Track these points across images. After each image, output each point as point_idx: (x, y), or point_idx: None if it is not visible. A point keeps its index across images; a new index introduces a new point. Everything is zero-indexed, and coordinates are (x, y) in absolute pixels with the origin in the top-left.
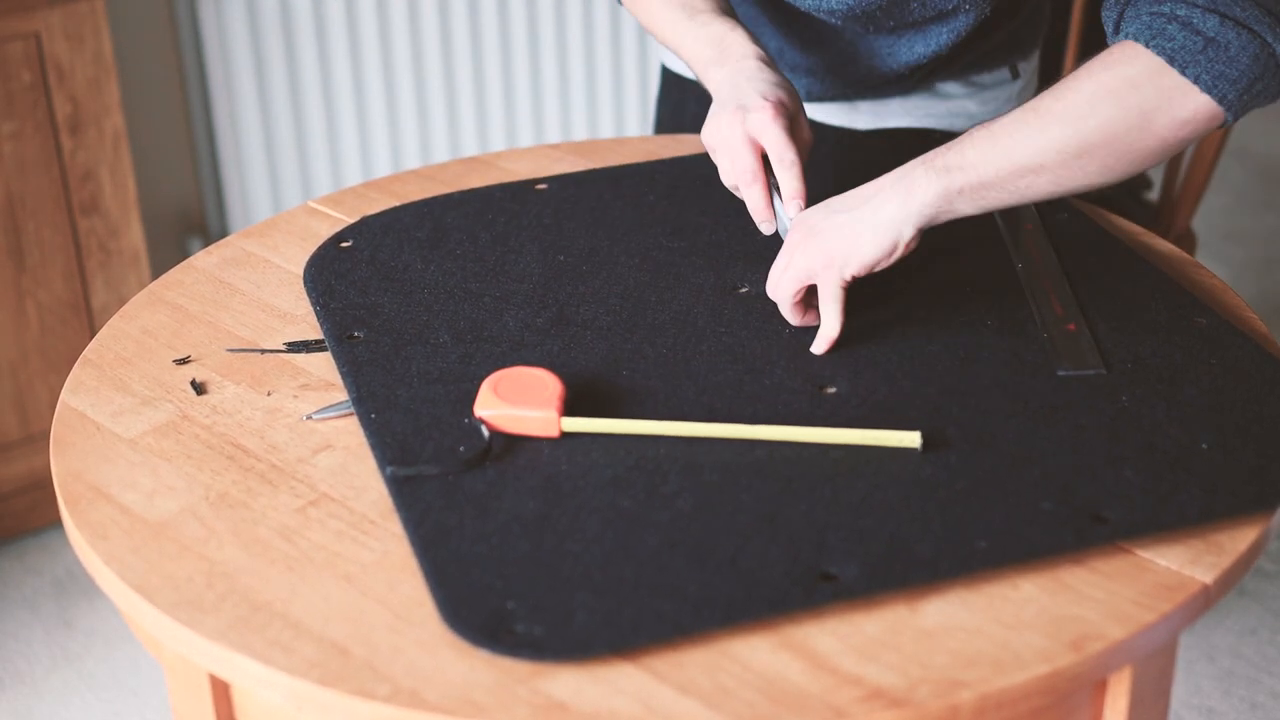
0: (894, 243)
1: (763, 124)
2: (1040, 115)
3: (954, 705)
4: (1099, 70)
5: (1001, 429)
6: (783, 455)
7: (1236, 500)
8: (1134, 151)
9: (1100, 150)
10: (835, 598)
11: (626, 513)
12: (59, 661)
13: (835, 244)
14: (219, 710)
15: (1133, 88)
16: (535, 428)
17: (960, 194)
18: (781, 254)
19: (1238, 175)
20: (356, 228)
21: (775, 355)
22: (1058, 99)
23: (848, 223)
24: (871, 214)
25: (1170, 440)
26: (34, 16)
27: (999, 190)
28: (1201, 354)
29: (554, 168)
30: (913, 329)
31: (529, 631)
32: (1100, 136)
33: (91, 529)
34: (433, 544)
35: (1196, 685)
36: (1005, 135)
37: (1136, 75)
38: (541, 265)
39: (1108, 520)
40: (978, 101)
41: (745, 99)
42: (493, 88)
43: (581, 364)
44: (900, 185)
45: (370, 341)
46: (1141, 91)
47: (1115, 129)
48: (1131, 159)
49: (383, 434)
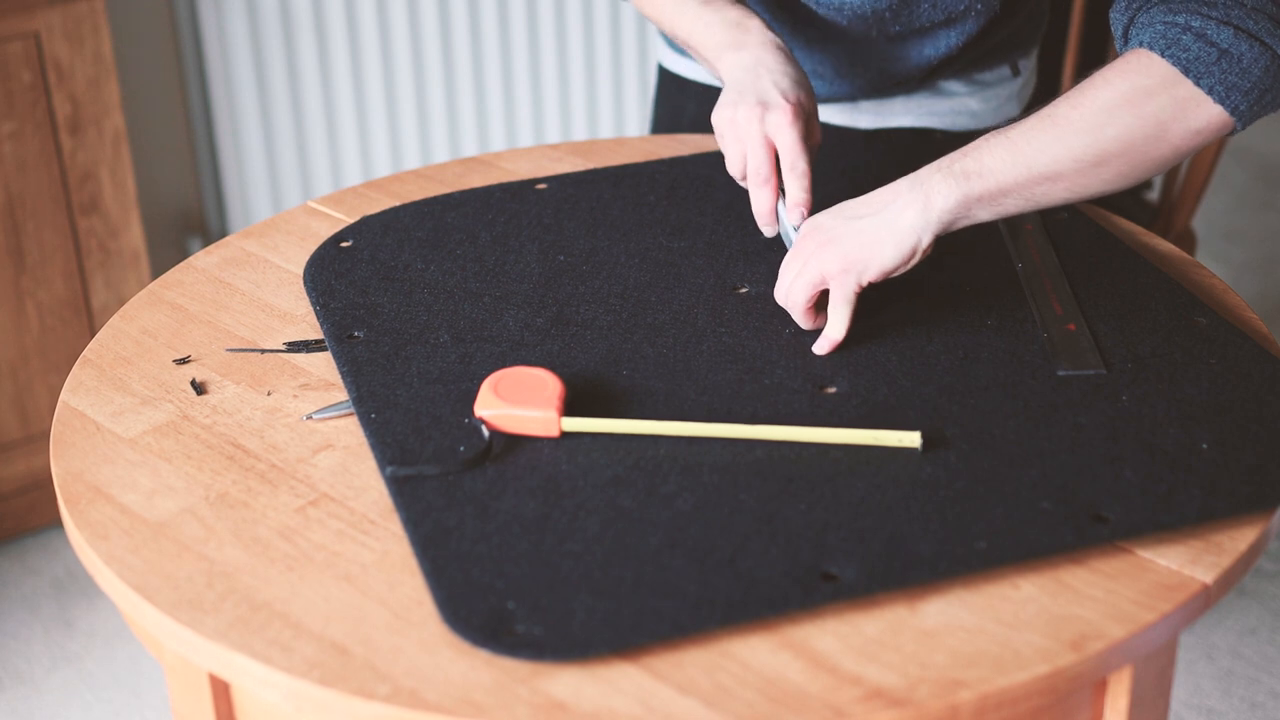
0: (913, 249)
1: (780, 125)
2: (1058, 124)
3: (954, 705)
4: (1115, 79)
5: (1001, 429)
6: (782, 455)
7: (1236, 500)
8: (1149, 160)
9: (1117, 159)
10: (835, 598)
11: (626, 513)
12: (59, 661)
13: (853, 249)
14: (219, 710)
15: (1149, 97)
16: (535, 428)
17: (979, 201)
18: (790, 259)
19: (1238, 175)
20: (356, 227)
21: (775, 355)
22: (1075, 107)
23: (867, 229)
24: (891, 220)
25: (1170, 440)
26: (34, 16)
27: (1016, 197)
28: (1201, 354)
29: (554, 168)
30: (912, 329)
31: (529, 631)
32: (1118, 146)
33: (91, 529)
34: (432, 544)
35: (1196, 685)
36: (1024, 143)
37: (1152, 85)
38: (541, 265)
39: (1107, 520)
40: (979, 99)
41: (766, 94)
42: (493, 88)
43: (581, 364)
44: (919, 191)
45: (370, 341)
46: (1157, 101)
47: (1133, 138)
48: (1146, 167)
49: (382, 434)
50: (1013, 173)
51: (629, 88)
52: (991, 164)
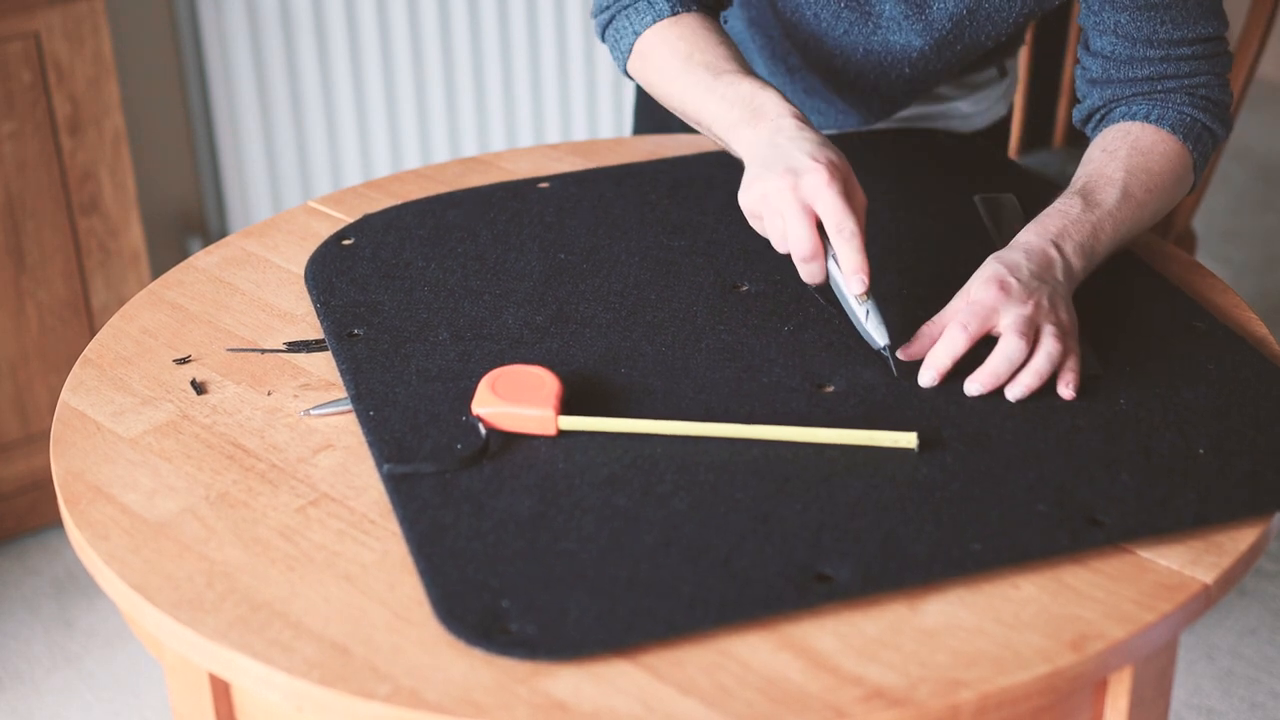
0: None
1: (817, 188)
2: (1143, 208)
3: (954, 705)
4: (1165, 166)
5: (998, 430)
6: (779, 454)
7: (1232, 506)
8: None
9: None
10: (829, 598)
11: (622, 511)
12: (59, 661)
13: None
14: (219, 710)
15: (1181, 182)
16: (533, 426)
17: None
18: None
19: (1238, 175)
20: (358, 225)
21: (774, 353)
22: (1149, 192)
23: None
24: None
25: (1166, 444)
26: (34, 16)
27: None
28: (1199, 358)
29: (554, 168)
30: (911, 329)
31: (523, 630)
32: (1168, 208)
33: (92, 529)
34: (428, 541)
35: (1196, 685)
36: (1125, 225)
37: (1183, 172)
38: (542, 263)
39: (1103, 524)
40: (970, 102)
41: (792, 160)
42: (493, 88)
43: (580, 361)
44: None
45: (370, 339)
46: (1184, 182)
47: (1175, 201)
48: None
49: (380, 431)
50: (1112, 248)
51: (629, 88)
52: (1101, 250)
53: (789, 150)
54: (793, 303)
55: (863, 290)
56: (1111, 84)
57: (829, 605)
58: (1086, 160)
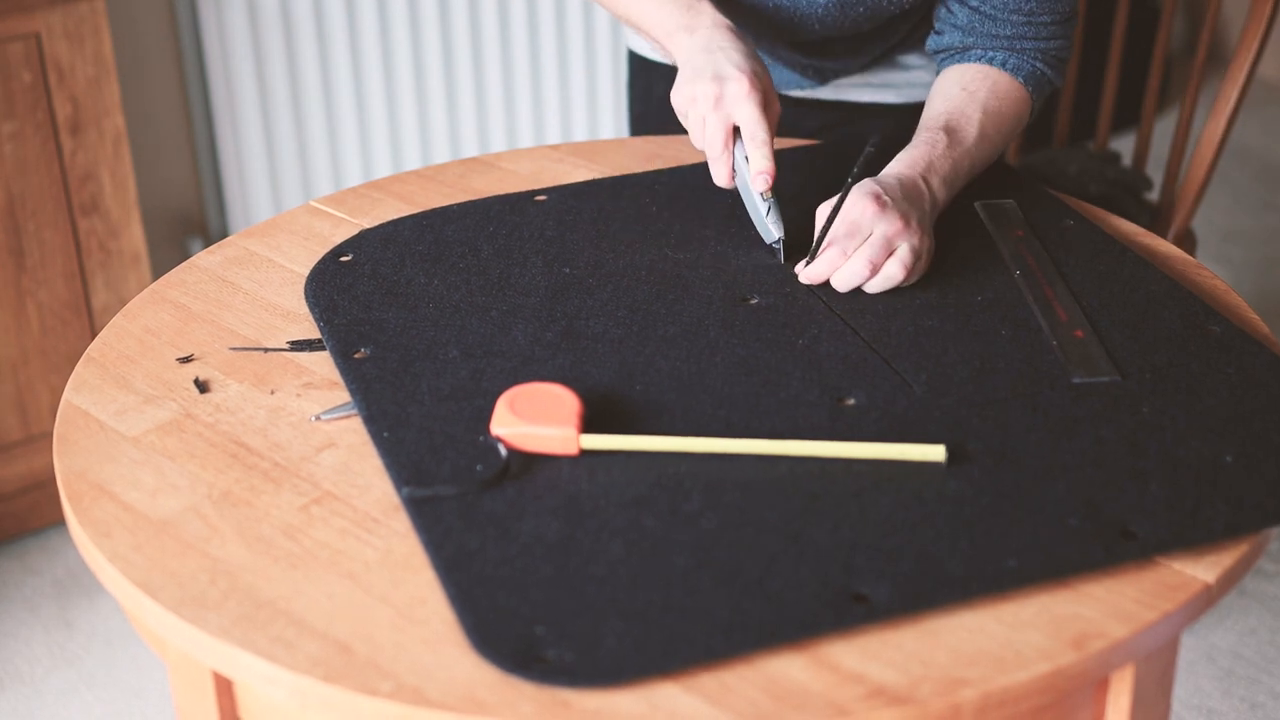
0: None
1: (738, 97)
2: (993, 147)
3: (956, 704)
4: (1011, 107)
5: (1023, 441)
6: (805, 470)
7: (1262, 515)
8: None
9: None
10: (868, 619)
11: (650, 533)
12: (59, 661)
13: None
14: (222, 707)
15: (1024, 118)
16: (554, 445)
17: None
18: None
19: (1238, 175)
20: (355, 241)
21: (790, 366)
22: (999, 133)
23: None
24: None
25: (1193, 452)
26: (34, 16)
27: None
28: (1218, 363)
29: (555, 168)
30: (926, 340)
31: (560, 657)
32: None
33: (95, 527)
34: (456, 567)
35: (1196, 685)
36: (979, 162)
37: (1024, 113)
38: (546, 278)
39: (1136, 536)
40: (933, 72)
41: (720, 69)
42: (493, 88)
43: (594, 378)
44: (929, 199)
45: (377, 358)
46: (1023, 118)
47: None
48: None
49: (396, 453)
50: (966, 180)
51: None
52: (960, 180)
53: (719, 59)
54: (804, 316)
55: (766, 189)
56: (975, 34)
57: (868, 626)
58: (946, 95)
